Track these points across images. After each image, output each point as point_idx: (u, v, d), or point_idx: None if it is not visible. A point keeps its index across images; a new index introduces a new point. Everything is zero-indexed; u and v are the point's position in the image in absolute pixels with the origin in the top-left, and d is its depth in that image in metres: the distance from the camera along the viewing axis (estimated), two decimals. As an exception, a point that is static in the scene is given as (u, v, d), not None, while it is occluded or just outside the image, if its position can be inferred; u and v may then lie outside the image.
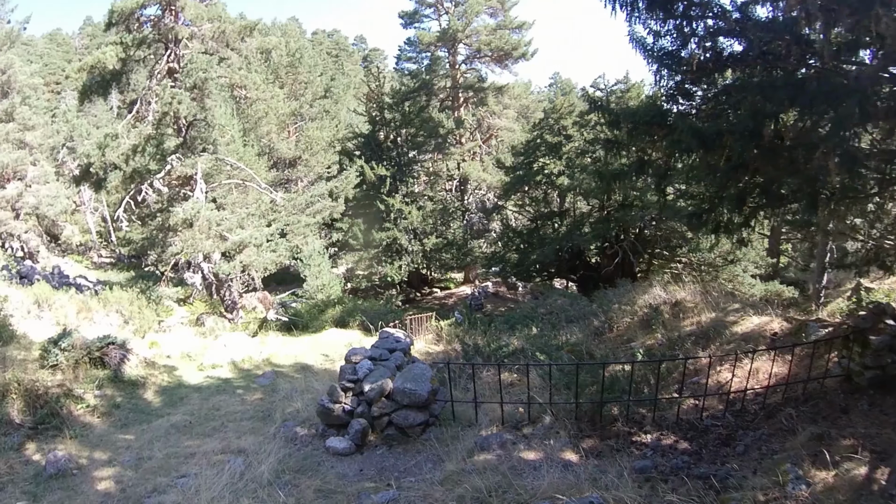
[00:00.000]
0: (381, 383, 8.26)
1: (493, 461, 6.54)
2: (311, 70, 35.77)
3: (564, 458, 6.36)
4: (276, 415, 9.66)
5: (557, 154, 27.95)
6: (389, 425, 8.25)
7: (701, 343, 9.78)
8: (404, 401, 8.15)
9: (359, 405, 8.38)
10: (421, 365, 8.94)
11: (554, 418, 7.58)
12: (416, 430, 8.16)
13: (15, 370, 10.11)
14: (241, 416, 10.13)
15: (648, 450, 6.44)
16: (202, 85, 20.70)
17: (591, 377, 8.95)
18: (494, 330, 16.97)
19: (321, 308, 22.08)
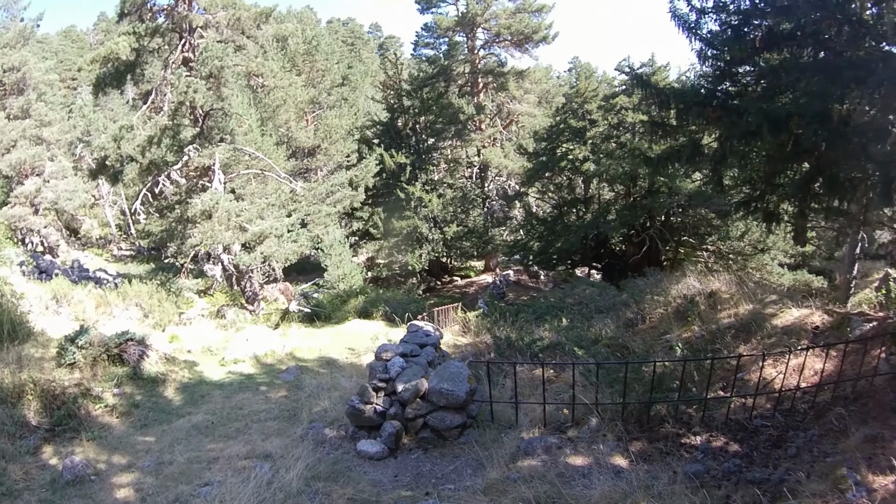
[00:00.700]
0: (416, 383, 7.75)
1: (539, 467, 6.10)
2: (329, 58, 35.16)
3: (614, 464, 5.92)
4: (303, 414, 9.17)
5: (582, 139, 27.17)
6: (424, 427, 7.77)
7: (741, 337, 9.29)
8: (441, 402, 7.67)
9: (391, 406, 7.90)
10: (456, 363, 8.41)
11: (600, 419, 7.05)
12: (452, 433, 7.68)
13: (31, 370, 9.69)
14: (266, 415, 9.63)
15: (699, 452, 6.07)
16: (218, 73, 20.21)
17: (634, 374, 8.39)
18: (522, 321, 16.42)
19: (343, 299, 21.62)
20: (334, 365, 13.13)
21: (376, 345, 13.49)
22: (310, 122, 35.11)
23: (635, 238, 26.12)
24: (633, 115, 25.28)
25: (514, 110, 39.20)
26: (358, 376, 11.09)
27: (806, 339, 8.35)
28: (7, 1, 38.15)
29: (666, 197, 24.02)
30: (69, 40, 72.14)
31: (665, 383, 7.71)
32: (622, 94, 26.59)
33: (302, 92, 26.48)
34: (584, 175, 27.52)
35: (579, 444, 6.54)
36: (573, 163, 27.44)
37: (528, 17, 36.01)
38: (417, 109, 33.94)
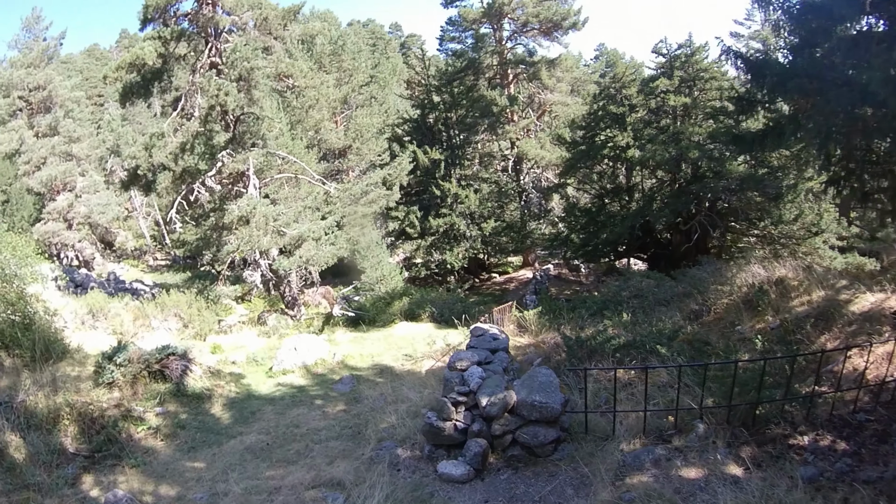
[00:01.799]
0: (504, 396, 6.77)
1: (652, 484, 5.47)
2: (355, 57, 34.36)
3: (730, 474, 5.40)
4: (368, 432, 8.19)
5: (622, 125, 25.95)
6: (513, 444, 6.78)
7: (819, 325, 8.74)
8: (532, 415, 6.67)
9: (473, 422, 6.95)
10: (544, 370, 7.40)
11: (707, 425, 6.39)
12: (546, 449, 6.69)
13: (67, 391, 8.91)
14: (327, 434, 8.66)
15: (808, 454, 5.69)
16: (248, 75, 19.51)
17: (723, 371, 7.51)
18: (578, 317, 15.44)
19: (387, 301, 20.73)
20: (391, 373, 12.14)
21: (434, 349, 12.60)
22: (339, 124, 34.41)
23: (682, 226, 24.79)
24: (674, 98, 24.02)
25: (547, 100, 37.88)
26: (420, 386, 10.10)
27: (887, 324, 8.00)
28: (29, 21, 38.16)
29: (714, 181, 22.74)
30: (93, 58, 72.66)
31: (753, 382, 6.92)
32: (662, 76, 25.30)
33: (334, 90, 25.72)
34: (627, 162, 26.30)
35: (689, 454, 5.94)
36: (615, 150, 26.26)
37: (555, 3, 34.75)
38: (448, 104, 33.02)
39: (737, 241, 26.19)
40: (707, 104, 24.40)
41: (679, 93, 24.20)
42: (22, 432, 7.95)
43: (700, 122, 24.45)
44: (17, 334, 10.73)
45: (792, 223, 22.31)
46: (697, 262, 20.46)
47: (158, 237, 45.84)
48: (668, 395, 7.67)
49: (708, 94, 24.63)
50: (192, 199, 21.24)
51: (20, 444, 7.70)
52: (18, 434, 7.88)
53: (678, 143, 22.69)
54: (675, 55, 25.26)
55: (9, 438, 7.68)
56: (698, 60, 24.83)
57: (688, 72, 24.50)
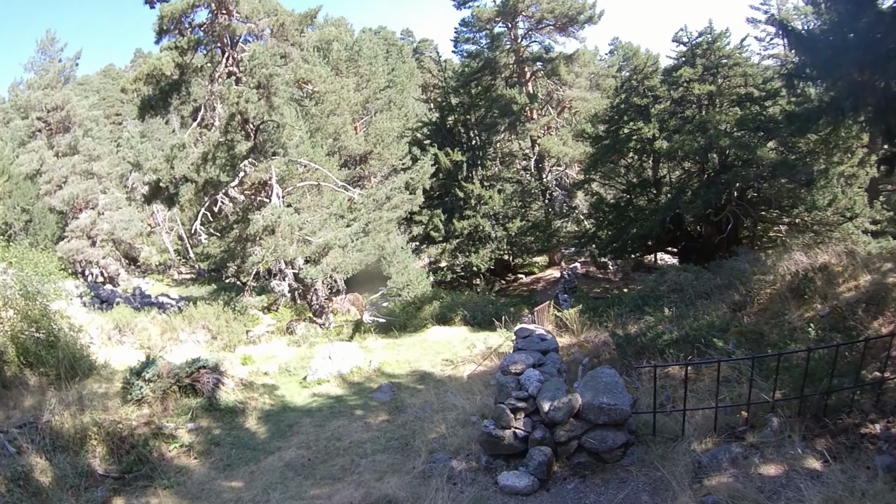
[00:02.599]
0: (569, 400, 6.26)
1: (733, 484, 5.18)
2: (372, 62, 34.00)
3: (810, 468, 5.21)
4: (417, 443, 7.61)
5: (647, 117, 25.24)
6: (579, 451, 6.28)
7: (871, 310, 8.39)
8: (600, 419, 6.16)
9: (534, 429, 6.47)
10: (607, 370, 6.86)
11: (780, 419, 6.05)
12: (614, 454, 6.20)
13: (94, 410, 8.44)
14: (372, 447, 8.06)
15: (882, 442, 5.44)
16: (267, 83, 19.14)
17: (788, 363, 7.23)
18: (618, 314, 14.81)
19: (417, 306, 20.16)
20: (431, 379, 11.50)
21: (474, 353, 11.98)
22: (359, 130, 34.04)
23: (713, 217, 24.05)
24: (699, 87, 23.40)
25: (566, 96, 37.15)
26: (465, 392, 9.47)
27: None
28: (43, 43, 38.45)
29: (745, 169, 22.02)
30: (109, 78, 73.40)
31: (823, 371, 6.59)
32: (684, 65, 24.61)
33: (354, 94, 25.34)
34: (654, 154, 25.59)
35: (765, 450, 5.66)
36: (641, 142, 25.57)
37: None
38: (466, 106, 32.57)
39: (767, 231, 25.78)
40: (733, 91, 23.70)
41: (703, 81, 23.61)
42: (48, 454, 7.50)
43: (725, 109, 23.78)
44: (42, 352, 10.35)
45: (825, 209, 21.61)
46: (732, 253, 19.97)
47: (182, 251, 45.99)
48: (732, 389, 7.25)
49: (732, 80, 23.95)
50: (215, 211, 20.88)
51: (46, 466, 7.23)
52: (44, 456, 7.43)
53: (705, 133, 22.17)
54: (697, 43, 24.61)
55: (34, 461, 7.22)
56: (720, 47, 24.23)
57: (710, 59, 23.91)
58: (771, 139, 22.40)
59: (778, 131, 21.61)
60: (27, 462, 7.14)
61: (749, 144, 21.58)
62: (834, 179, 21.03)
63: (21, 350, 10.37)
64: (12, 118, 43.50)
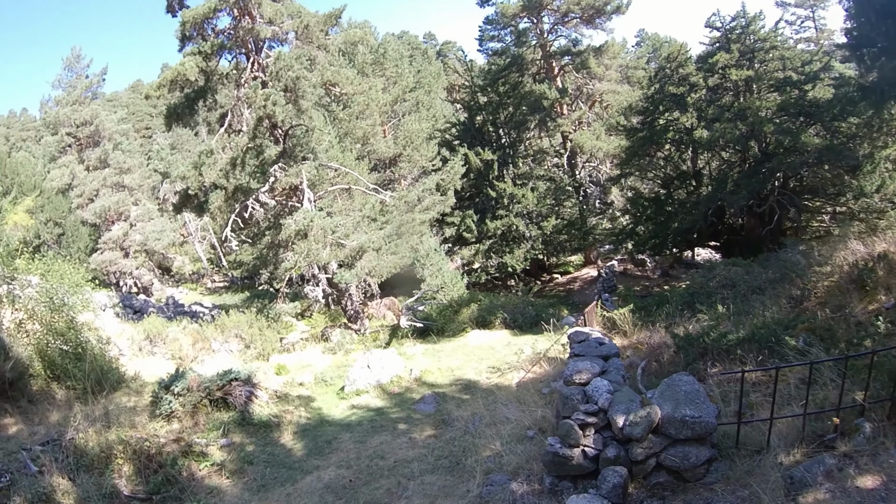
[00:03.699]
0: (648, 413, 5.53)
1: (831, 501, 4.72)
2: (398, 64, 33.51)
3: None
4: (469, 462, 6.91)
5: (683, 106, 24.26)
6: (657, 469, 5.55)
7: None
8: (682, 433, 5.43)
9: (606, 446, 5.77)
10: (685, 377, 6.12)
11: (872, 424, 5.51)
12: (697, 472, 5.45)
13: (121, 427, 7.91)
14: (420, 466, 7.34)
15: None
16: (294, 85, 18.62)
17: None
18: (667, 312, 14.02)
19: (455, 309, 19.44)
20: (477, 389, 10.72)
21: (522, 359, 11.23)
22: (387, 133, 33.61)
23: (756, 208, 23.06)
24: (736, 73, 22.59)
25: (597, 89, 36.19)
26: (517, 403, 8.71)
27: None
28: (70, 60, 38.58)
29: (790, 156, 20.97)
30: (137, 94, 74.00)
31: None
32: (720, 50, 23.64)
33: (383, 95, 24.85)
34: (694, 144, 24.63)
35: (859, 459, 5.15)
36: (679, 133, 24.66)
37: (596, -12, 33.17)
38: (495, 104, 31.86)
39: (810, 221, 25.13)
40: (771, 76, 22.67)
41: (740, 66, 22.78)
42: (71, 474, 6.99)
43: (763, 95, 22.83)
44: (69, 365, 9.93)
45: (873, 195, 20.54)
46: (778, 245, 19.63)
47: (215, 260, 46.10)
48: (814, 393, 6.39)
49: (769, 65, 22.98)
50: (246, 217, 20.49)
51: (68, 487, 6.71)
52: (67, 476, 6.92)
53: (745, 120, 21.39)
54: (731, 27, 23.66)
55: (56, 482, 6.70)
56: (755, 30, 23.23)
57: (745, 44, 22.95)
58: (813, 124, 21.55)
59: (820, 116, 20.67)
60: (48, 483, 6.64)
61: (792, 130, 20.76)
62: (881, 164, 20.00)
63: (47, 363, 10.00)
64: (43, 135, 44.08)
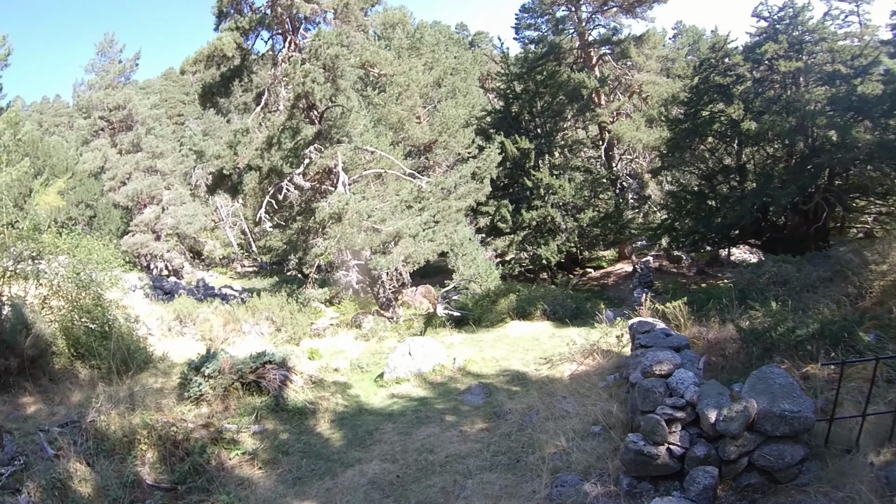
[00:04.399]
0: (745, 408, 4.90)
1: None
2: (434, 49, 32.76)
3: None
4: (531, 459, 6.15)
5: (728, 97, 23.18)
6: (748, 470, 5.06)
7: None
8: (779, 430, 4.92)
9: (693, 444, 5.08)
10: (777, 370, 5.47)
11: None
12: (790, 472, 5.00)
13: (146, 409, 7.30)
14: (476, 463, 6.55)
15: None
16: (333, 64, 18.06)
17: None
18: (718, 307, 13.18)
19: (493, 299, 18.69)
20: (526, 380, 9.92)
21: (573, 351, 10.42)
22: (422, 119, 32.93)
23: (802, 205, 21.96)
24: (784, 64, 21.39)
25: (636, 80, 35.06)
26: (574, 395, 7.91)
27: None
28: (103, 46, 38.70)
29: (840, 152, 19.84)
30: (170, 81, 74.73)
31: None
32: (768, 40, 22.50)
33: (424, 75, 24.20)
34: (740, 137, 23.55)
35: None
36: (724, 125, 23.66)
37: (638, -24, 32.08)
38: (532, 92, 30.97)
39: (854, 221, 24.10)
40: (819, 68, 21.50)
41: (788, 58, 21.54)
42: (90, 459, 6.39)
43: (810, 88, 21.63)
44: (94, 343, 9.38)
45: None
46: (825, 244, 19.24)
47: (245, 245, 46.31)
48: None
49: (818, 57, 21.74)
50: (280, 199, 20.01)
51: (86, 474, 6.09)
52: (85, 461, 6.30)
53: (794, 113, 20.44)
54: (779, 17, 22.49)
55: (74, 467, 6.09)
56: (803, 21, 22.02)
57: (792, 35, 21.72)
58: (861, 120, 20.14)
59: (869, 112, 19.55)
60: (65, 468, 6.03)
61: (841, 125, 19.56)
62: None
63: (72, 341, 9.48)
64: (76, 120, 44.42)
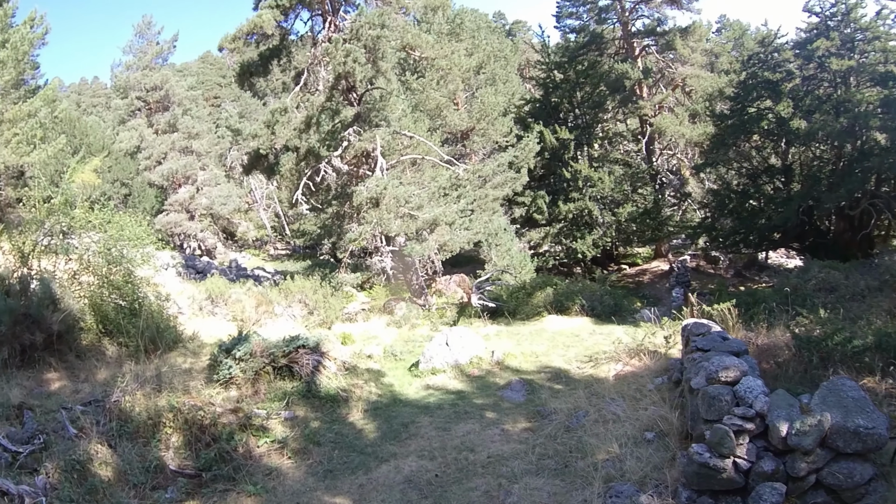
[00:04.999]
0: (819, 422, 4.62)
1: None
2: (475, 35, 32.19)
3: None
4: (580, 464, 5.66)
5: (777, 94, 22.27)
6: (814, 488, 4.78)
7: None
8: (851, 447, 4.63)
9: (760, 458, 4.82)
10: (848, 381, 5.21)
11: None
12: (857, 492, 4.71)
13: (173, 391, 6.98)
14: (521, 465, 6.04)
15: None
16: (374, 45, 17.66)
17: None
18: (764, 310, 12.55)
19: (528, 291, 18.14)
20: (568, 378, 9.36)
21: (618, 350, 9.84)
22: (460, 105, 32.41)
23: (849, 210, 21.18)
24: (836, 62, 20.55)
25: (680, 73, 34.01)
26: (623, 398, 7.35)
27: None
28: (140, 27, 39.10)
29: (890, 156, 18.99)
30: (206, 64, 75.45)
31: None
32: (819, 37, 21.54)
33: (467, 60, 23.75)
34: (788, 136, 22.63)
35: None
36: (772, 123, 22.71)
37: (683, -34, 31.03)
38: (572, 82, 30.22)
39: None
40: (873, 68, 20.53)
41: (840, 56, 20.70)
42: (112, 440, 6.09)
43: (861, 89, 20.78)
44: (123, 320, 9.15)
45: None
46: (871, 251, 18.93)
47: (278, 228, 46.49)
48: None
49: (870, 56, 20.79)
50: (318, 181, 19.74)
51: (108, 456, 5.80)
52: (107, 443, 6.00)
53: (846, 113, 19.55)
54: (831, 13, 21.49)
55: (95, 449, 5.79)
56: (855, 18, 21.00)
57: (844, 32, 20.79)
58: None
59: None
60: (86, 449, 5.73)
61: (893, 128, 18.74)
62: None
63: (100, 317, 9.27)
64: (113, 101, 45.11)
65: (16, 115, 16.55)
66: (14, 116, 16.47)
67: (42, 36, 18.54)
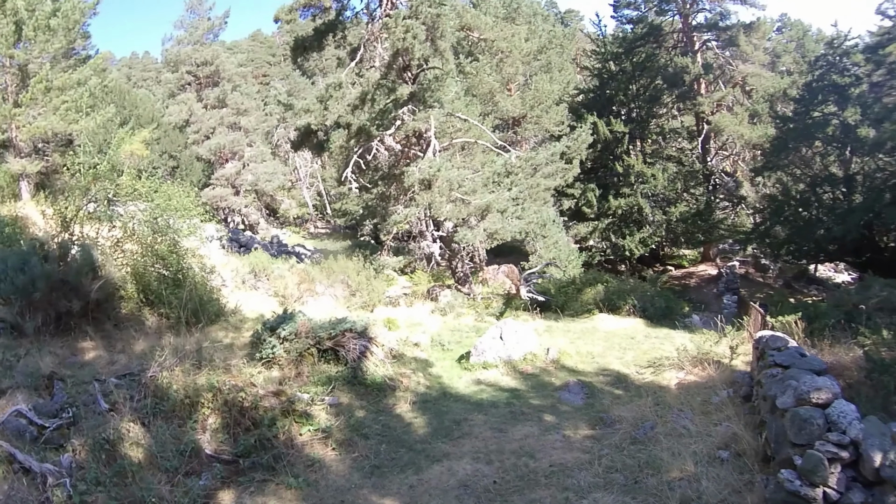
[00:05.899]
0: None
1: None
2: (531, 21, 31.37)
3: None
4: (651, 482, 5.07)
5: (845, 100, 21.20)
6: None
7: None
8: None
9: (849, 488, 4.45)
10: None
11: None
12: None
13: (213, 368, 6.57)
14: (587, 478, 5.42)
15: None
16: (434, 23, 17.09)
17: None
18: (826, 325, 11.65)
19: (578, 287, 17.49)
20: (629, 384, 8.72)
21: (683, 358, 9.09)
22: (513, 91, 31.68)
23: (914, 226, 20.09)
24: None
25: (740, 71, 32.61)
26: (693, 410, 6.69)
27: None
28: (192, 3, 39.42)
29: None
30: (257, 42, 76.17)
31: None
32: (893, 41, 20.39)
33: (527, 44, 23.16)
34: (854, 144, 21.43)
35: None
36: (838, 129, 21.64)
37: (749, -42, 29.74)
38: (628, 74, 29.48)
39: None
40: None
41: None
42: (145, 419, 5.68)
43: None
44: (165, 291, 8.84)
45: None
46: None
47: (320, 207, 46.59)
48: None
49: None
50: (369, 159, 19.37)
51: (140, 435, 5.39)
52: (140, 421, 5.60)
53: None
54: None
55: (126, 427, 5.40)
56: None
57: None
58: None
59: None
60: (117, 427, 5.34)
61: None
62: None
63: (142, 287, 9.00)
64: (163, 75, 45.78)
65: (65, 82, 16.48)
66: (63, 84, 16.40)
67: (94, 6, 18.54)
